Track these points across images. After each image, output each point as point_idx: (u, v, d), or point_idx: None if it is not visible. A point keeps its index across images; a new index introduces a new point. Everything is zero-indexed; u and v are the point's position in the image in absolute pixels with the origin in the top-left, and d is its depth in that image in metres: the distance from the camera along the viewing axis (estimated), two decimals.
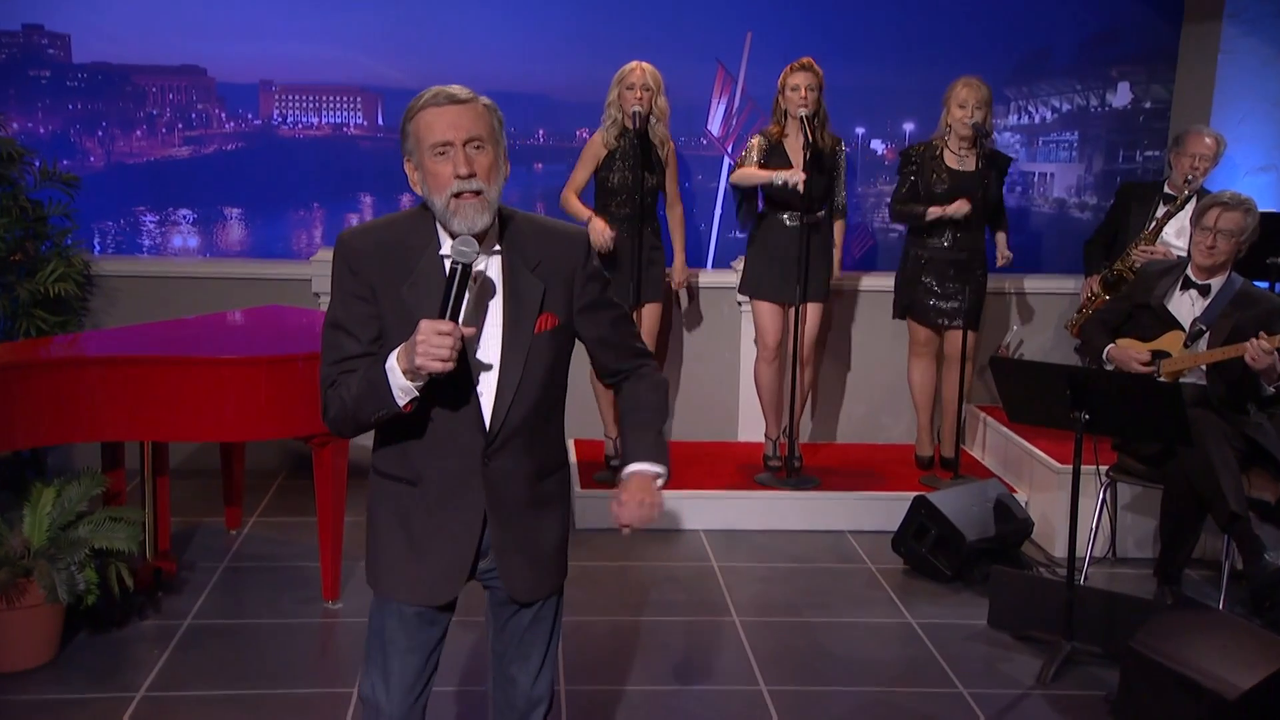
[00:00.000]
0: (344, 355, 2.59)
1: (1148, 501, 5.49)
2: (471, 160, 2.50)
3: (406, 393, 2.49)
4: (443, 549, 2.68)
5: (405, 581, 2.69)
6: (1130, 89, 6.89)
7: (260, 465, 6.32)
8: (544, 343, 2.62)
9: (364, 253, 2.58)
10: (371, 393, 2.52)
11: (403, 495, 2.68)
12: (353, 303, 2.59)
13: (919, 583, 5.29)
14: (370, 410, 2.54)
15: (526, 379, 2.60)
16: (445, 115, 2.50)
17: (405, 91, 6.13)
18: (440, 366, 2.42)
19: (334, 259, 2.62)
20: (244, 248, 6.65)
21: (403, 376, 2.47)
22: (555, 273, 2.64)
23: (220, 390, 4.44)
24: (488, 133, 2.53)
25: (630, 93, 5.74)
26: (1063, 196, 6.97)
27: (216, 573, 5.15)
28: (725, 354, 6.70)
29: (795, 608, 5.02)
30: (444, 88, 2.54)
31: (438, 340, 2.41)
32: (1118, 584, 5.25)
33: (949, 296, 5.96)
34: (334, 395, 2.59)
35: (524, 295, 2.60)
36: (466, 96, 2.52)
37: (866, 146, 6.81)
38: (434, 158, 2.51)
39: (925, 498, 5.37)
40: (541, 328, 2.61)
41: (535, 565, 2.74)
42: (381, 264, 2.57)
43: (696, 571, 5.37)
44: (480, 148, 2.52)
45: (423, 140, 2.52)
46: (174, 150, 6.57)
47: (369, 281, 2.57)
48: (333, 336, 2.62)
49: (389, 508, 2.70)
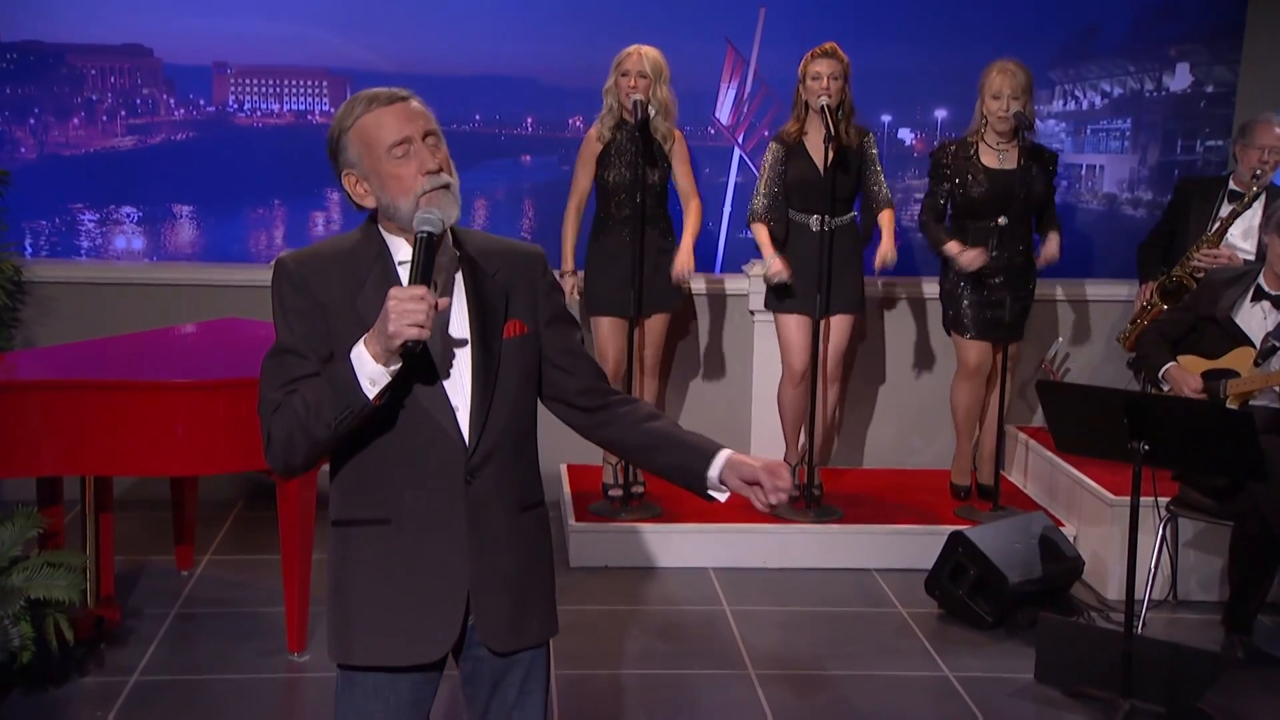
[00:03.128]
0: (292, 377, 2.57)
1: (1213, 537, 5.46)
2: (434, 153, 2.58)
3: (377, 381, 2.49)
4: (431, 592, 2.63)
5: (390, 639, 2.64)
6: (1190, 70, 6.86)
7: (214, 495, 6.27)
8: (514, 350, 2.67)
9: (307, 270, 2.61)
10: (333, 391, 2.50)
11: (375, 539, 2.64)
12: (297, 322, 2.58)
13: (956, 630, 5.27)
14: (332, 414, 2.50)
15: (501, 386, 2.64)
16: (395, 113, 2.58)
17: (376, 75, 6.12)
18: (415, 333, 2.44)
19: (273, 284, 2.61)
20: (196, 250, 6.61)
21: (372, 361, 2.48)
22: (515, 282, 2.70)
23: (171, 419, 4.42)
24: (437, 126, 2.63)
25: (626, 80, 5.71)
26: (1114, 192, 6.95)
27: (166, 620, 5.11)
28: (736, 368, 6.68)
29: (818, 659, 4.99)
30: (376, 90, 2.61)
31: (412, 305, 2.43)
32: (1180, 631, 5.23)
33: (996, 307, 5.92)
34: (279, 417, 2.55)
35: (488, 300, 2.66)
36: (406, 92, 2.62)
37: (894, 136, 6.78)
38: (393, 160, 2.56)
39: (963, 534, 5.35)
40: (510, 333, 2.67)
41: (516, 609, 2.69)
42: (328, 278, 2.60)
43: (706, 617, 5.34)
44: (436, 144, 2.60)
45: (375, 144, 2.57)
46: (116, 140, 6.53)
47: (316, 298, 2.58)
48: (275, 364, 2.59)
49: (360, 559, 2.66)
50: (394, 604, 2.64)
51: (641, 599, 5.47)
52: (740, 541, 5.85)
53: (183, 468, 4.54)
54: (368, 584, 2.65)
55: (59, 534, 4.80)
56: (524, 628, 2.72)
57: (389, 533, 2.63)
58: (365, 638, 2.65)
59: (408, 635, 2.64)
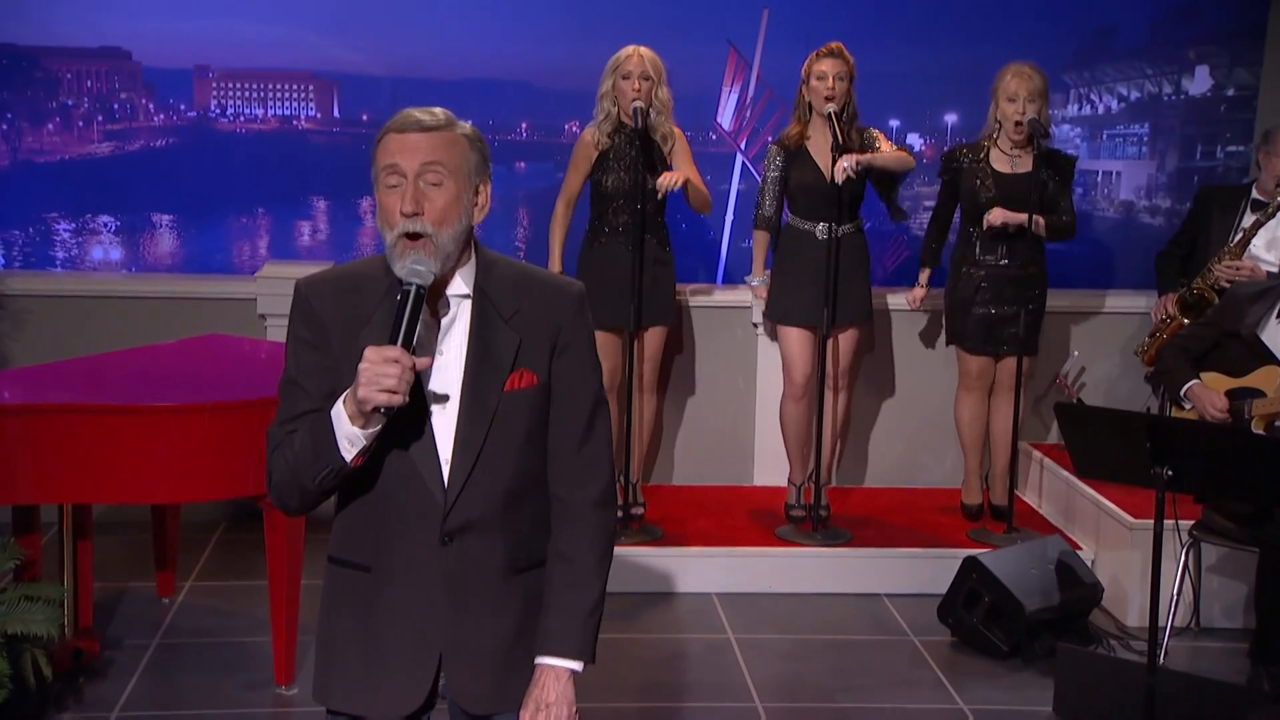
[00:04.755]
0: (295, 413, 2.58)
1: (1237, 563, 5.44)
2: (421, 197, 2.48)
3: (354, 442, 2.46)
4: (404, 648, 2.62)
5: (362, 690, 2.64)
6: (1210, 73, 6.86)
7: (196, 516, 6.22)
8: (516, 403, 2.59)
9: (320, 298, 2.60)
10: (314, 446, 2.49)
11: (357, 584, 2.64)
12: (305, 353, 2.60)
13: (970, 659, 5.24)
14: (314, 470, 2.50)
15: (493, 444, 2.57)
16: (405, 140, 2.50)
17: (364, 78, 6.11)
18: (385, 399, 2.40)
19: (291, 309, 2.63)
20: (176, 261, 6.60)
21: (349, 422, 2.45)
22: (535, 325, 2.61)
23: (154, 444, 4.39)
24: (453, 164, 2.51)
25: (627, 83, 5.68)
26: (1130, 199, 6.95)
27: (148, 652, 5.07)
28: (739, 383, 6.65)
29: (826, 690, 4.97)
30: (416, 110, 2.54)
31: (383, 368, 2.39)
32: (1203, 661, 5.21)
33: (1005, 320, 5.91)
34: (278, 458, 2.58)
35: (494, 346, 2.58)
36: (434, 123, 2.52)
37: (902, 141, 6.75)
38: (384, 188, 2.52)
39: (977, 559, 5.32)
40: (514, 385, 2.58)
41: (501, 671, 2.66)
42: (338, 309, 2.59)
43: (710, 646, 5.31)
44: (438, 183, 2.50)
45: (376, 166, 2.53)
46: (93, 147, 6.51)
47: (324, 330, 2.58)
48: (286, 393, 2.62)
49: (343, 600, 2.67)
50: (368, 655, 2.64)
51: (642, 627, 5.44)
52: (745, 565, 5.82)
53: (166, 495, 4.53)
54: (347, 630, 2.66)
55: (36, 563, 4.75)
56: (508, 690, 2.67)
57: (369, 580, 2.63)
58: (341, 683, 2.68)
59: (379, 689, 2.64)
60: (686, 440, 6.67)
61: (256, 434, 4.38)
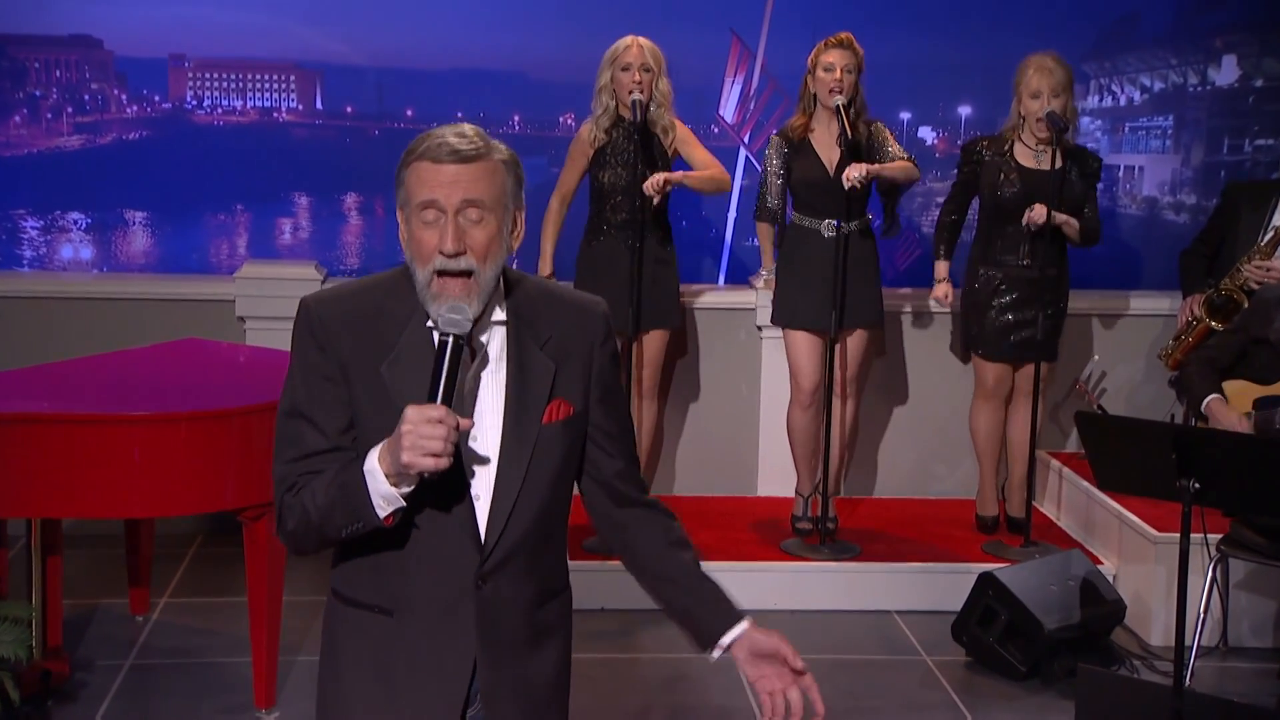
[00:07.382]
0: (306, 451, 2.53)
1: (1267, 579, 5.46)
2: (462, 234, 2.45)
3: (390, 502, 2.43)
4: (427, 697, 2.60)
5: None
6: (1237, 63, 6.88)
7: (171, 529, 6.22)
8: (553, 435, 2.58)
9: (333, 322, 2.55)
10: (344, 501, 2.45)
11: (375, 628, 2.60)
12: (317, 384, 2.54)
13: (986, 680, 5.25)
14: (340, 523, 2.47)
15: (531, 480, 2.55)
16: (441, 173, 2.44)
17: (347, 69, 6.11)
18: (433, 464, 2.35)
19: (295, 328, 2.58)
20: (150, 261, 6.61)
21: (385, 482, 2.41)
22: (569, 351, 2.60)
23: (127, 456, 4.37)
24: (493, 197, 2.47)
25: (626, 74, 5.68)
26: (1154, 195, 6.96)
27: (120, 673, 5.06)
28: (743, 389, 6.66)
29: (834, 713, 4.87)
30: (449, 133, 2.47)
31: (428, 430, 2.34)
32: (1232, 682, 5.22)
33: (1024, 325, 5.91)
34: (294, 503, 2.53)
35: (532, 377, 2.56)
36: (472, 151, 2.45)
37: (914, 135, 6.78)
38: (420, 223, 2.47)
39: (993, 575, 5.33)
40: (551, 417, 2.57)
41: (530, 714, 2.67)
42: (355, 336, 2.54)
43: (711, 667, 5.18)
44: (479, 218, 2.46)
45: (412, 196, 2.47)
46: (62, 140, 6.52)
47: (338, 358, 2.53)
48: (290, 427, 2.56)
49: (358, 644, 2.62)
50: (386, 704, 2.61)
51: (642, 645, 5.44)
52: (750, 581, 5.80)
53: (141, 509, 4.52)
54: (361, 675, 2.63)
55: (2, 580, 4.76)
56: None
57: (391, 625, 2.59)
58: None
59: None
60: (688, 449, 6.67)
61: (236, 444, 4.41)
